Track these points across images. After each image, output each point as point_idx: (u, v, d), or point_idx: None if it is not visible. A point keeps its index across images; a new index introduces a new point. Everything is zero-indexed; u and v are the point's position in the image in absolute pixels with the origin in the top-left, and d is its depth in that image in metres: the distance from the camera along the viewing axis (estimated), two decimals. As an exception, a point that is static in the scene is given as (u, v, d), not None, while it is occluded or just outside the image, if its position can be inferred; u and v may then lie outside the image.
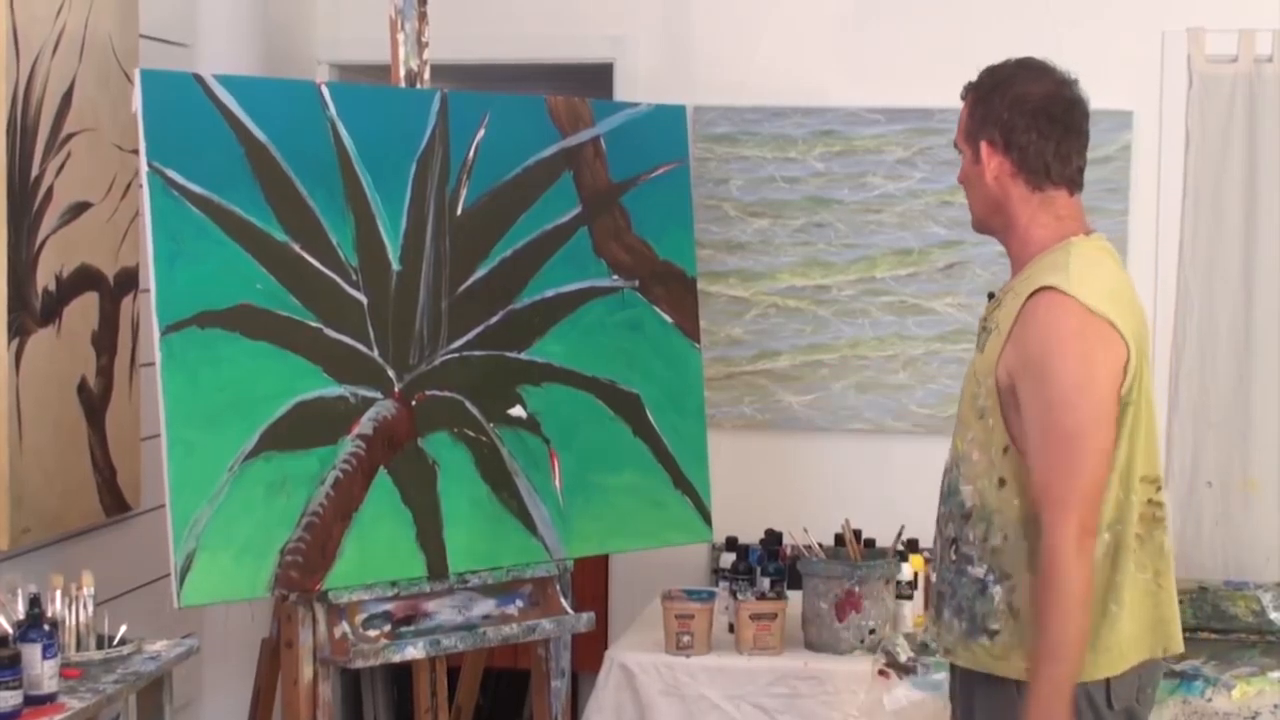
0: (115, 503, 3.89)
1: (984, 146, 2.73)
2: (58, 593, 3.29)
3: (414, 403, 3.54)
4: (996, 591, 2.65)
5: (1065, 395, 2.55)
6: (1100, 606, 2.61)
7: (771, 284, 4.89)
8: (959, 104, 2.86)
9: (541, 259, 3.76)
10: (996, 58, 2.82)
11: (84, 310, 3.75)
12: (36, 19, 3.53)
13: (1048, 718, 2.53)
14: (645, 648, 3.94)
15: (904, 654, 3.81)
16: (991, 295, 2.83)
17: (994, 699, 2.68)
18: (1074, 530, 2.52)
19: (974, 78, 2.81)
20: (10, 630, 3.05)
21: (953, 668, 2.82)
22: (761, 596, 3.93)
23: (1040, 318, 2.59)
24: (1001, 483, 2.65)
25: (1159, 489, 2.70)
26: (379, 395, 3.49)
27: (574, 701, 4.91)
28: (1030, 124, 2.70)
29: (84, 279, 3.75)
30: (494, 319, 3.68)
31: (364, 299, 3.49)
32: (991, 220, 2.78)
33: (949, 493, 2.75)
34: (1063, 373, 2.55)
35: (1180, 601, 4.13)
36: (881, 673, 3.77)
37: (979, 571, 2.67)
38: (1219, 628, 4.22)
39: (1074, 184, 2.75)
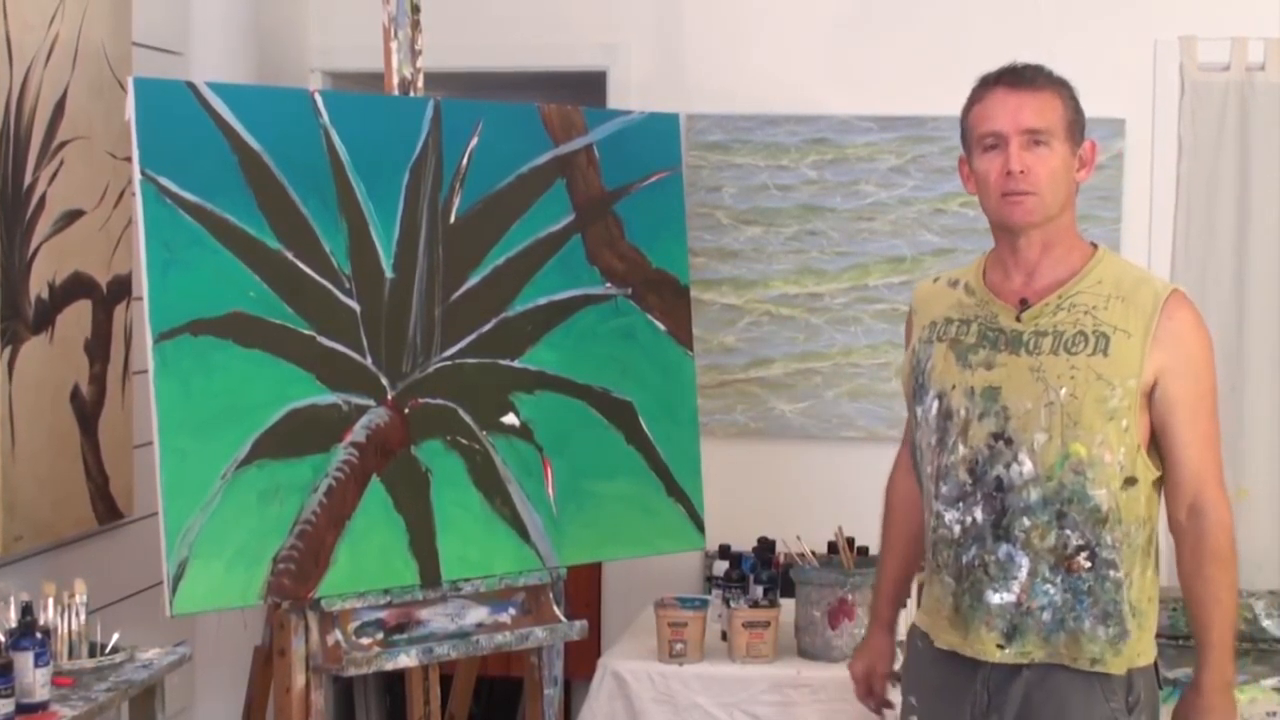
0: (108, 510, 3.89)
1: (1091, 147, 2.82)
2: (50, 600, 3.28)
3: (407, 410, 3.54)
4: (1124, 591, 2.74)
5: (1213, 386, 2.76)
6: (1155, 593, 2.80)
7: (764, 292, 4.89)
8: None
9: (534, 267, 3.76)
10: (989, 66, 2.82)
11: (77, 318, 3.75)
12: (29, 27, 3.53)
13: (1228, 684, 2.76)
14: (638, 655, 3.94)
15: (897, 662, 3.81)
16: (1024, 302, 2.79)
17: (1090, 693, 2.75)
18: (1228, 505, 2.76)
19: (1037, 65, 2.81)
20: (2, 638, 3.05)
21: (1018, 679, 2.78)
22: (754, 604, 3.93)
23: (1190, 318, 2.74)
24: (1131, 482, 2.72)
25: None
26: (372, 403, 3.49)
27: (567, 709, 4.91)
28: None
29: (77, 286, 3.75)
30: (487, 326, 3.68)
31: (357, 306, 3.48)
32: (1057, 214, 2.77)
33: (1073, 499, 2.72)
34: (1210, 366, 2.76)
35: (1174, 609, 4.16)
36: (875, 680, 3.77)
37: (1119, 574, 2.74)
38: (1212, 635, 4.23)
39: None
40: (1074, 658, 2.74)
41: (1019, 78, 2.76)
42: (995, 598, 2.77)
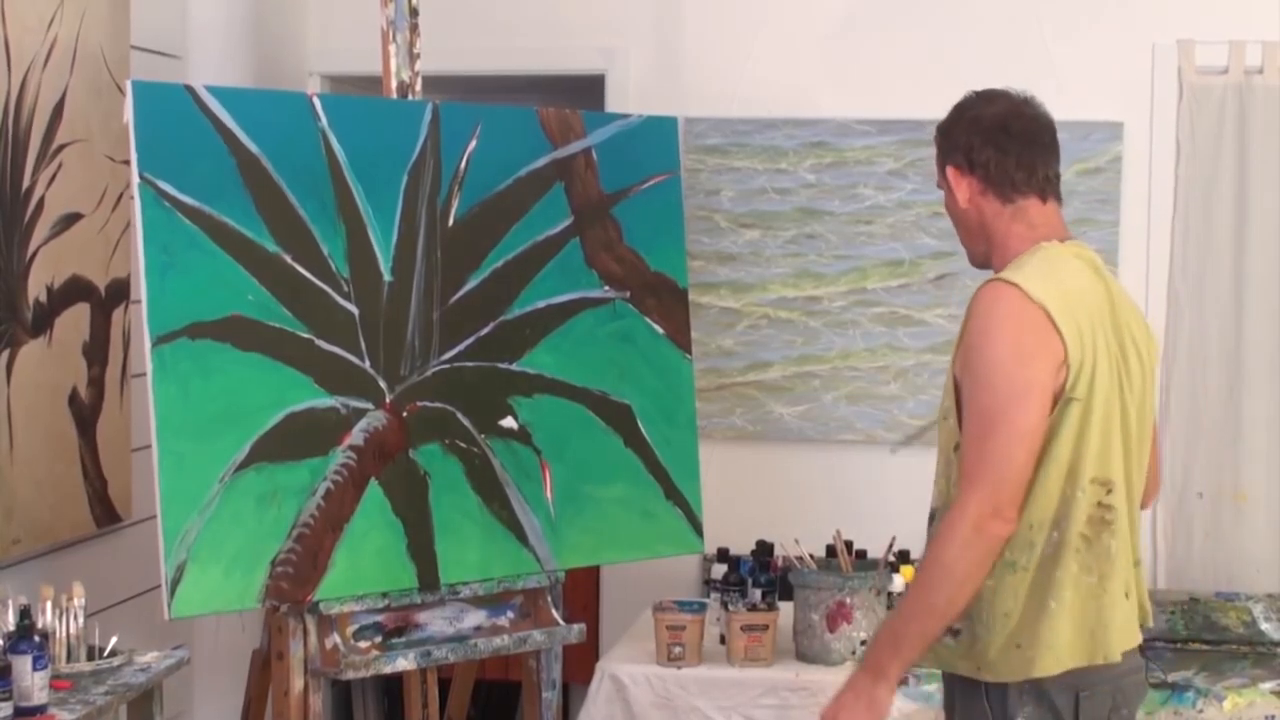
0: (106, 514, 3.88)
1: (950, 172, 2.81)
2: (48, 604, 3.28)
3: (405, 414, 3.54)
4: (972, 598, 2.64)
5: (988, 375, 2.59)
6: (1039, 603, 2.61)
7: (762, 295, 4.89)
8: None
9: (533, 270, 3.76)
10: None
11: (75, 321, 3.75)
12: (28, 30, 3.53)
13: (873, 677, 2.58)
14: (636, 659, 3.94)
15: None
16: None
17: (969, 700, 2.69)
18: (975, 508, 2.53)
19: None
20: (0, 641, 3.05)
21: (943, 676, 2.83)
22: (753, 608, 3.92)
23: (980, 306, 2.64)
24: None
25: (1109, 492, 2.65)
26: (370, 406, 3.49)
27: (565, 713, 4.91)
28: (987, 141, 2.77)
29: (75, 290, 3.75)
30: (485, 330, 3.68)
31: (355, 310, 3.49)
32: (978, 244, 2.82)
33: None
34: (990, 354, 2.59)
35: (1171, 613, 4.14)
36: (873, 684, 3.77)
37: None
38: (1210, 639, 4.22)
39: (1045, 191, 2.79)
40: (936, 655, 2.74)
41: None
42: None
